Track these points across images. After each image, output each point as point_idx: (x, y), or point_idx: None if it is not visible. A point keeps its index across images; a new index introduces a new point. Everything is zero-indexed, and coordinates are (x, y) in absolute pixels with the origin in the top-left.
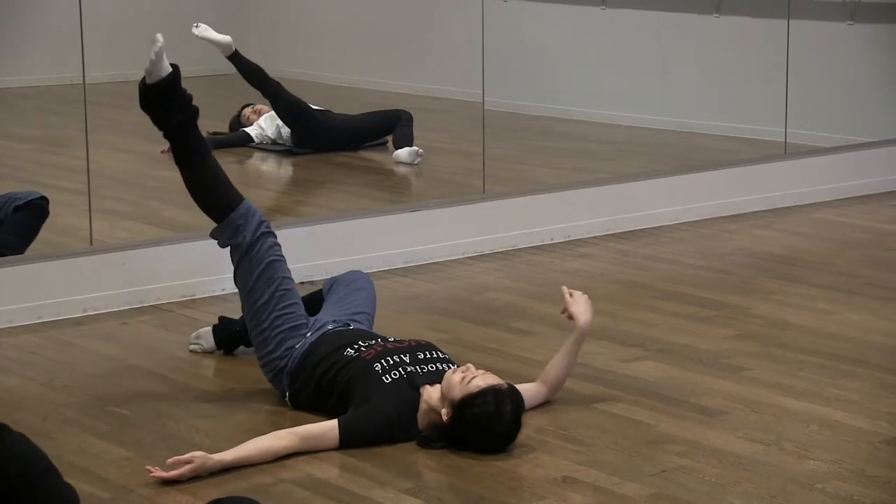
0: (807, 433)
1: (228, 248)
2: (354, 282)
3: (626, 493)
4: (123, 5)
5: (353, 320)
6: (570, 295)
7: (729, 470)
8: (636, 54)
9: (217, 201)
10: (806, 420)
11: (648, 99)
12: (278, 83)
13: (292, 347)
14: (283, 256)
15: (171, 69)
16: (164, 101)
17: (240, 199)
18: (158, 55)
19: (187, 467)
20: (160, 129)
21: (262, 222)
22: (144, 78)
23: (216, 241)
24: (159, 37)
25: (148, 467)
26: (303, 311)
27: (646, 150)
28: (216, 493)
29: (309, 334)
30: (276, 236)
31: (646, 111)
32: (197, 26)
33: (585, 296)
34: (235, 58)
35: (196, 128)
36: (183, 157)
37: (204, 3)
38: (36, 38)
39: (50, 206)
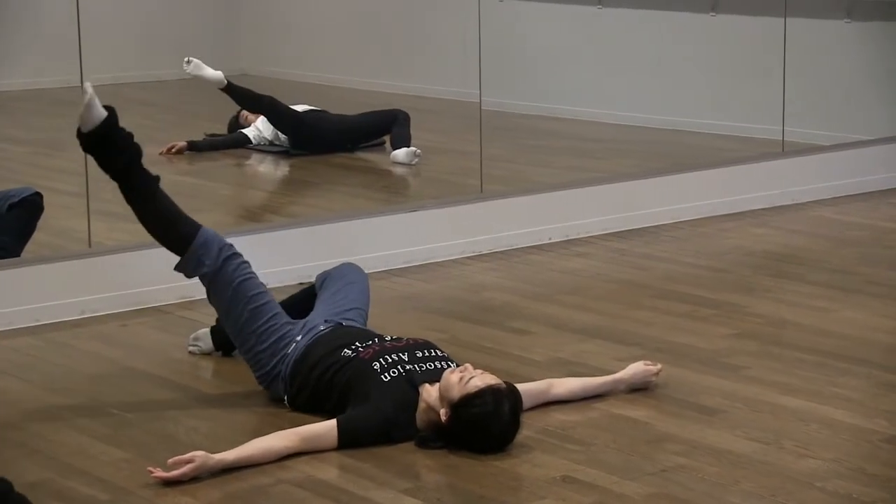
0: (806, 431)
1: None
2: (346, 275)
3: (626, 493)
4: (120, 8)
5: (346, 318)
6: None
7: (728, 469)
8: (633, 53)
9: (173, 235)
10: (805, 418)
11: (646, 98)
12: (270, 97)
13: (284, 355)
14: (251, 273)
15: (105, 113)
16: (104, 146)
17: (196, 228)
18: (89, 104)
19: (188, 467)
20: (105, 171)
21: (222, 247)
22: (79, 127)
23: (182, 274)
24: (88, 86)
25: (149, 468)
26: (285, 320)
27: (643, 148)
28: (216, 495)
29: (300, 338)
30: (240, 256)
31: (643, 110)
32: (188, 62)
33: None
34: (229, 89)
35: (141, 166)
36: (132, 197)
37: (198, 4)
38: (31, 40)
39: (46, 204)
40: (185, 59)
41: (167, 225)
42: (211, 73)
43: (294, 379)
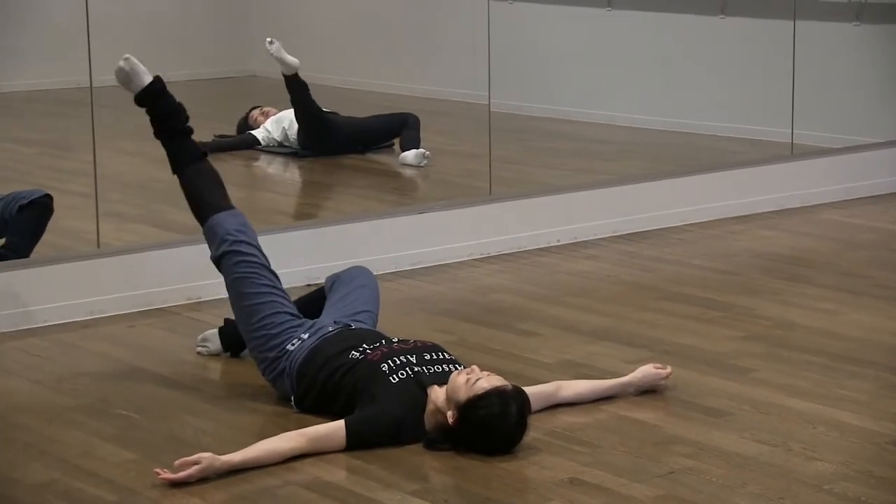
0: (813, 434)
1: None
2: (356, 278)
3: (633, 495)
4: (129, 9)
5: (356, 320)
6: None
7: (736, 471)
8: (642, 55)
9: (196, 212)
10: (813, 421)
11: (654, 100)
12: (306, 84)
13: (288, 351)
14: (250, 272)
15: (149, 79)
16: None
17: (211, 211)
18: (132, 71)
19: (195, 468)
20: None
21: (224, 240)
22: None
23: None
24: (129, 57)
25: (156, 470)
26: (287, 317)
27: (651, 151)
28: (223, 496)
29: (306, 336)
30: (243, 252)
31: (652, 112)
32: (271, 42)
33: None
34: (295, 78)
35: (183, 134)
36: (174, 161)
37: (207, 5)
38: (39, 41)
39: (55, 206)
40: (268, 39)
41: (199, 200)
42: (290, 58)
43: (301, 379)
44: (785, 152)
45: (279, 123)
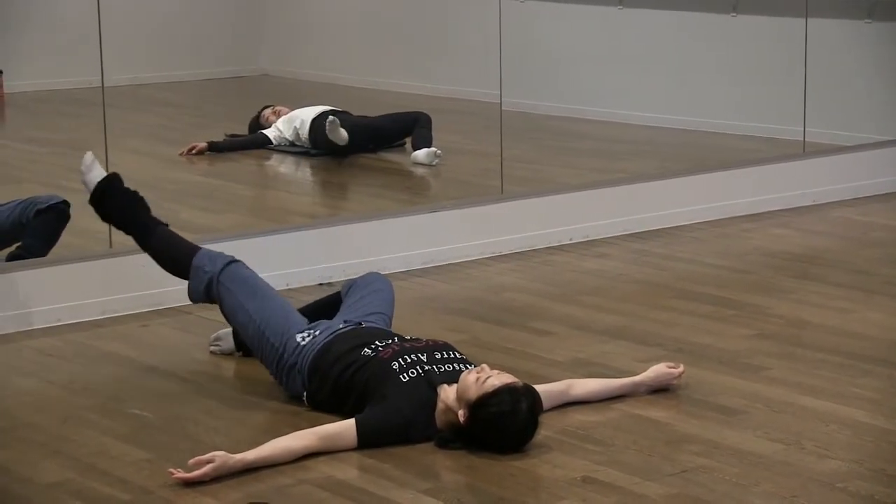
0: (827, 432)
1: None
2: (371, 283)
3: (646, 494)
4: (140, 8)
5: (366, 320)
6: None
7: (749, 470)
8: (653, 54)
9: (179, 258)
10: (826, 419)
11: (666, 98)
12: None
13: (299, 346)
14: (254, 275)
15: (103, 174)
16: (105, 203)
17: (192, 255)
18: (88, 168)
19: (209, 467)
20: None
21: (219, 257)
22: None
23: (192, 298)
24: (88, 155)
25: (170, 469)
26: (298, 315)
27: (663, 149)
28: (236, 495)
29: (318, 333)
30: (240, 262)
31: (663, 111)
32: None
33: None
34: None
35: (147, 219)
36: (146, 247)
37: (218, 4)
38: (51, 41)
39: (71, 209)
40: (330, 118)
41: (172, 254)
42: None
43: (314, 374)
44: (797, 150)
45: (291, 123)
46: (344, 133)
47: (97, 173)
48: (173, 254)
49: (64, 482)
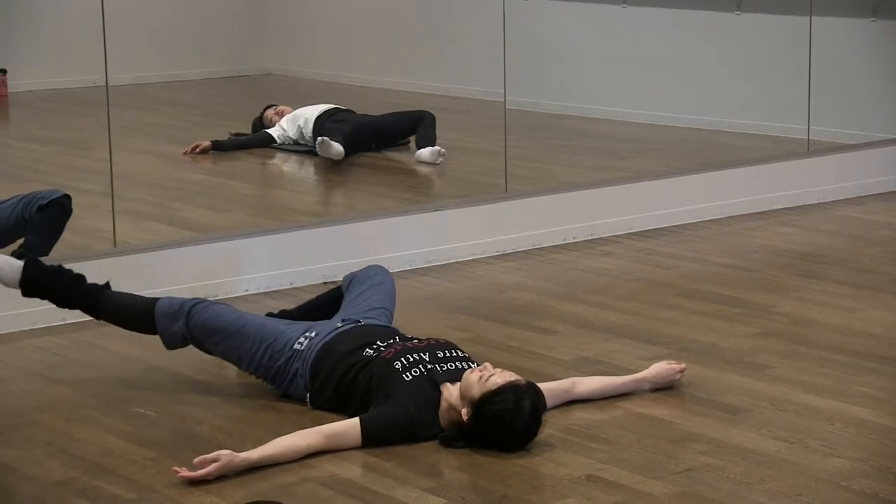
0: (831, 431)
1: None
2: (371, 277)
3: (651, 492)
4: (144, 7)
5: (366, 317)
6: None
7: (753, 468)
8: (657, 52)
9: (142, 313)
10: (830, 418)
11: (670, 97)
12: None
13: (296, 351)
14: (224, 307)
15: (19, 264)
16: (41, 291)
17: (152, 306)
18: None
19: (214, 465)
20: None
21: (184, 302)
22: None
23: (166, 345)
24: None
25: (175, 468)
26: (283, 325)
27: (667, 147)
28: (241, 494)
29: (314, 334)
30: (205, 300)
31: (667, 109)
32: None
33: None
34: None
35: (84, 290)
36: (97, 315)
37: (222, 3)
38: (55, 40)
39: (73, 206)
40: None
41: (133, 310)
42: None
43: (316, 376)
44: (801, 148)
45: (295, 122)
46: (337, 148)
47: (8, 267)
48: (132, 310)
49: (69, 481)
